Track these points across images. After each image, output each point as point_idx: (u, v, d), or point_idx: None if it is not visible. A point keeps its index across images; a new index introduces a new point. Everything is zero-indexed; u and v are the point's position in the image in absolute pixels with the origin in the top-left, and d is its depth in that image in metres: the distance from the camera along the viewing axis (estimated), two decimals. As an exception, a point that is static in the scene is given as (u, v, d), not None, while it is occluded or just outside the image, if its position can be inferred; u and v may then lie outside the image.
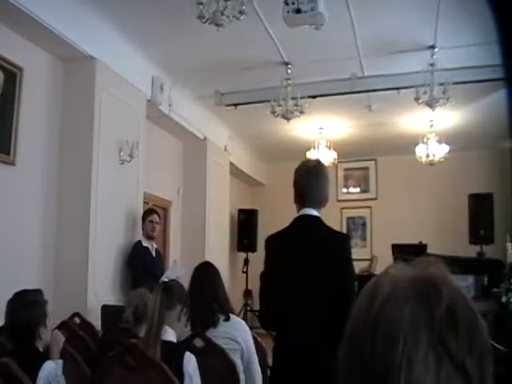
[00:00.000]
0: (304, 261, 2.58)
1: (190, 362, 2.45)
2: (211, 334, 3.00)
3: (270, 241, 2.79)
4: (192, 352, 2.50)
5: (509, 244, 6.46)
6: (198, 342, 2.88)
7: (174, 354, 2.47)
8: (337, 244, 2.59)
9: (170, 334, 2.58)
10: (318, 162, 2.80)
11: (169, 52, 5.97)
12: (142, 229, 5.75)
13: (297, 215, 2.69)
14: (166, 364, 2.34)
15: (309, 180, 2.62)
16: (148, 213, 5.78)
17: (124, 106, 5.67)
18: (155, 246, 5.81)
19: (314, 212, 2.61)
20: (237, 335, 3.08)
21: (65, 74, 5.25)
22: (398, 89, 6.40)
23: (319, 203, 2.63)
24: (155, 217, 5.74)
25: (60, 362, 2.57)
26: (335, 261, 2.53)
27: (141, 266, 5.43)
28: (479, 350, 0.67)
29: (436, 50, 5.66)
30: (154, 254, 5.69)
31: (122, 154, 5.55)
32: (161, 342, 2.46)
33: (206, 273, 3.26)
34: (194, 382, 2.43)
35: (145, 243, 5.63)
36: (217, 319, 3.07)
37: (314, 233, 2.64)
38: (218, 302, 3.12)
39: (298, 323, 2.53)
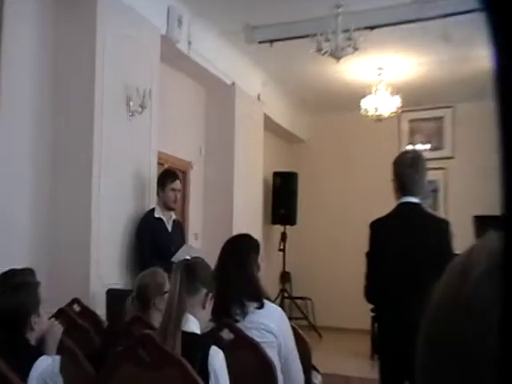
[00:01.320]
0: (409, 245, 3.49)
1: (216, 357, 2.47)
2: (242, 324, 3.05)
3: (376, 225, 3.73)
4: (219, 346, 2.54)
5: None
6: (227, 334, 2.92)
7: (197, 347, 2.51)
8: (438, 230, 3.52)
9: (192, 324, 2.61)
10: (415, 152, 3.89)
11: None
12: (158, 196, 5.76)
13: (399, 202, 3.66)
14: (188, 360, 2.36)
15: (410, 174, 3.61)
16: (170, 178, 5.75)
17: (133, 44, 5.65)
18: (174, 217, 5.80)
19: (415, 199, 3.59)
20: (273, 326, 3.11)
21: (57, 5, 5.23)
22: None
23: (419, 193, 3.63)
24: (178, 184, 5.76)
25: (57, 357, 2.59)
26: (437, 246, 3.41)
27: (148, 242, 5.44)
28: None
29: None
30: (169, 228, 5.69)
31: (131, 104, 5.56)
32: (181, 334, 2.49)
33: (239, 247, 3.31)
34: (220, 382, 2.46)
35: (158, 214, 5.63)
36: (246, 308, 3.10)
37: (417, 218, 3.61)
38: (250, 285, 3.16)
39: (405, 305, 3.18)
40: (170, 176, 5.81)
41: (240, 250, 3.30)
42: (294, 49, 7.16)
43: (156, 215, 5.62)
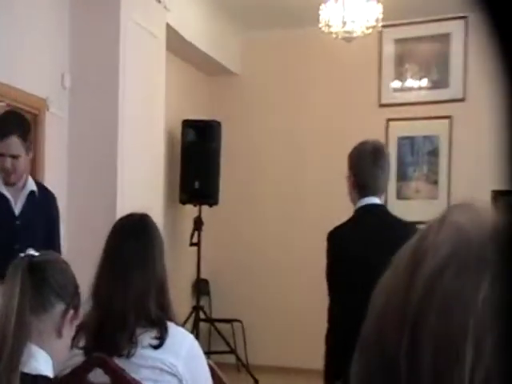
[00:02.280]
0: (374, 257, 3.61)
1: None
2: (129, 361, 3.08)
3: (334, 236, 4.49)
4: None
5: None
6: (99, 377, 2.97)
7: None
8: (404, 238, 3.71)
9: (40, 361, 2.61)
10: (378, 143, 4.69)
11: None
12: None
13: (360, 205, 4.41)
14: None
15: (372, 169, 4.37)
16: None
17: None
18: (30, 188, 5.55)
19: (377, 200, 4.42)
20: (178, 365, 3.16)
21: None
22: None
23: (382, 191, 4.53)
24: (7, 145, 5.39)
25: None
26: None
27: None
28: None
29: None
30: (16, 211, 5.49)
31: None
32: (21, 378, 2.48)
33: (135, 241, 3.33)
34: None
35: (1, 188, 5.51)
36: (139, 336, 3.13)
37: (382, 225, 4.41)
38: (149, 305, 3.19)
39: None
40: None
41: (141, 239, 3.35)
42: None
43: None
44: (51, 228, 5.66)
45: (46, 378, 2.58)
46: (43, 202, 5.65)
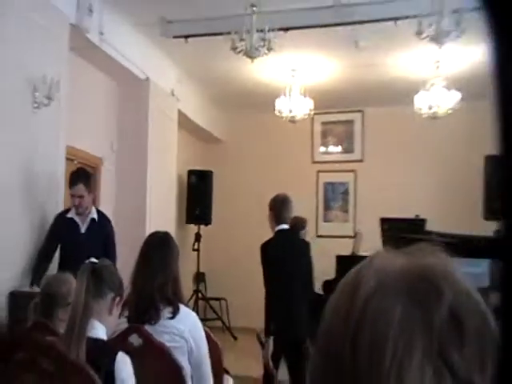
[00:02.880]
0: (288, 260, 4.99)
1: (123, 365, 2.47)
2: (152, 328, 3.06)
3: (264, 246, 5.07)
4: (127, 352, 2.54)
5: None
6: (135, 339, 2.92)
7: (103, 355, 2.51)
8: (304, 248, 5.25)
9: (98, 330, 2.62)
10: (285, 195, 5.19)
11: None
12: None
13: (277, 229, 5.04)
14: (94, 368, 2.33)
15: (282, 208, 5.06)
16: (69, 183, 5.48)
17: (39, 31, 5.39)
18: (92, 216, 5.52)
19: (286, 226, 5.05)
20: (185, 330, 3.14)
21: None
22: (394, 19, 6.29)
23: (287, 222, 5.07)
24: (77, 189, 5.39)
25: None
26: (303, 259, 5.11)
27: (50, 247, 5.26)
28: (493, 366, 0.65)
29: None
30: (83, 230, 5.45)
31: (36, 94, 5.32)
32: (87, 340, 2.46)
33: (160, 249, 3.30)
34: None
35: (71, 214, 5.45)
36: (161, 312, 3.12)
37: (289, 239, 5.20)
38: (168, 290, 3.17)
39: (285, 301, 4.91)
40: (70, 179, 5.52)
41: (165, 247, 3.31)
42: (209, 45, 7.17)
43: (69, 215, 5.45)
44: (107, 242, 5.58)
45: (101, 340, 2.59)
46: (102, 224, 5.58)
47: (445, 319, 0.66)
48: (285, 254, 4.94)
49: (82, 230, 5.44)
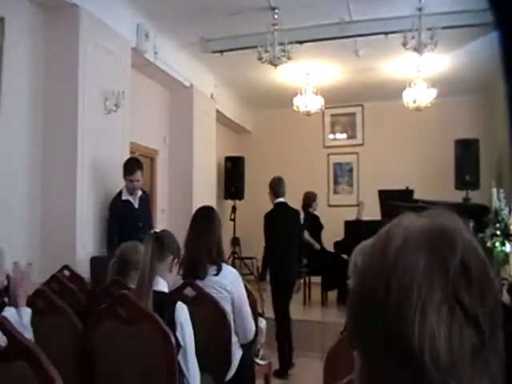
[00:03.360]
0: (283, 224, 5.42)
1: (181, 311, 2.46)
2: (202, 282, 3.05)
3: (266, 215, 5.51)
4: (183, 301, 2.53)
5: (494, 189, 6.50)
6: (190, 292, 2.91)
7: (165, 304, 2.49)
8: (295, 215, 5.59)
9: (161, 285, 2.60)
10: (279, 177, 5.61)
11: (153, -1, 5.82)
12: (125, 182, 5.53)
13: (276, 202, 5.48)
14: (159, 314, 2.36)
15: (279, 186, 5.50)
16: (129, 171, 5.36)
17: (109, 54, 5.54)
18: (140, 193, 5.48)
19: (282, 199, 5.45)
20: (227, 283, 3.12)
21: (47, 23, 5.08)
22: (385, 33, 6.30)
23: (284, 195, 5.45)
24: (136, 175, 5.35)
25: (27, 310, 2.36)
26: (294, 222, 5.54)
27: (114, 221, 5.22)
28: (492, 303, 0.68)
29: (424, -7, 5.55)
30: (136, 205, 5.42)
31: (107, 103, 5.46)
32: (153, 293, 2.48)
33: (207, 220, 3.26)
34: (185, 331, 2.45)
35: (125, 196, 5.38)
36: (207, 271, 3.12)
37: (286, 209, 5.48)
38: (213, 253, 3.15)
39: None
40: (128, 168, 5.38)
41: (210, 221, 3.27)
42: (240, 57, 7.08)
43: (123, 197, 5.38)
44: (149, 210, 5.72)
45: (164, 292, 2.59)
46: (145, 199, 5.55)
47: (457, 267, 0.66)
48: (281, 219, 5.42)
49: (136, 206, 5.41)
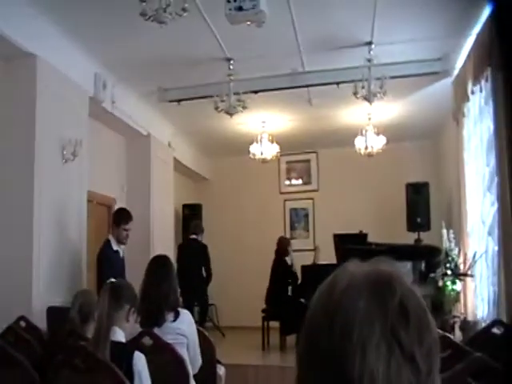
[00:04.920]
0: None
1: (139, 360, 2.44)
2: (160, 330, 3.05)
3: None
4: (141, 350, 2.52)
5: (444, 230, 6.67)
6: (147, 340, 2.89)
7: (123, 353, 2.46)
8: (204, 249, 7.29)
9: (118, 334, 2.58)
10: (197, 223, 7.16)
11: (111, 49, 5.84)
12: (113, 231, 5.58)
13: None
14: (116, 364, 2.33)
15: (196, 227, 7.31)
16: (124, 220, 5.47)
17: (66, 103, 5.51)
18: (123, 248, 5.61)
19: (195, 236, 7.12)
20: (185, 328, 3.15)
21: (4, 72, 5.05)
22: (337, 83, 6.48)
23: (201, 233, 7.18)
24: (130, 225, 5.50)
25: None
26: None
27: (109, 270, 5.17)
28: (428, 343, 0.71)
29: (373, 46, 5.74)
30: (121, 256, 5.54)
31: (65, 152, 5.39)
32: (110, 343, 2.45)
33: (163, 268, 3.30)
34: (143, 380, 2.42)
35: (115, 246, 5.44)
36: (166, 317, 3.12)
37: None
38: (171, 300, 3.17)
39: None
40: (124, 217, 5.53)
41: (164, 270, 3.30)
42: (197, 107, 7.16)
43: (114, 248, 5.43)
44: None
45: (121, 342, 2.55)
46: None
47: (396, 308, 0.70)
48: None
49: (121, 256, 5.50)
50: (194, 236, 7.11)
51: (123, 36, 5.49)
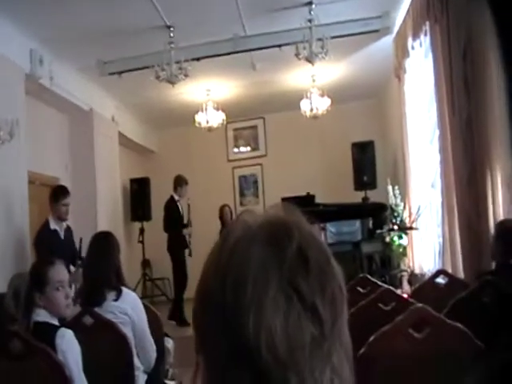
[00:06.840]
0: None
1: (62, 338, 2.31)
2: (101, 309, 2.99)
3: None
4: (81, 330, 2.46)
5: (389, 187, 6.81)
6: (88, 320, 2.84)
7: (45, 334, 2.34)
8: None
9: (43, 315, 2.44)
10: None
11: (46, 24, 5.57)
12: (52, 209, 5.38)
13: None
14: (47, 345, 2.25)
15: None
16: (61, 195, 5.30)
17: (0, 82, 5.23)
18: (65, 225, 5.41)
19: None
20: (127, 308, 3.07)
21: None
22: (279, 46, 6.39)
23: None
24: (68, 199, 5.34)
25: None
26: None
27: (44, 251, 4.95)
28: (331, 292, 0.66)
29: (313, 6, 5.67)
30: (62, 236, 5.32)
31: (1, 133, 5.09)
32: (35, 324, 2.38)
33: (103, 245, 3.22)
34: (69, 359, 2.27)
35: (53, 225, 5.26)
36: (106, 296, 3.05)
37: None
38: (112, 278, 3.10)
39: None
40: (61, 193, 5.38)
41: (106, 242, 3.23)
42: (138, 78, 6.93)
43: (51, 227, 5.25)
44: (74, 247, 5.45)
45: (45, 322, 2.42)
46: (71, 233, 5.53)
47: (294, 255, 0.64)
48: None
49: (62, 237, 5.31)
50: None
51: (57, 9, 5.26)
